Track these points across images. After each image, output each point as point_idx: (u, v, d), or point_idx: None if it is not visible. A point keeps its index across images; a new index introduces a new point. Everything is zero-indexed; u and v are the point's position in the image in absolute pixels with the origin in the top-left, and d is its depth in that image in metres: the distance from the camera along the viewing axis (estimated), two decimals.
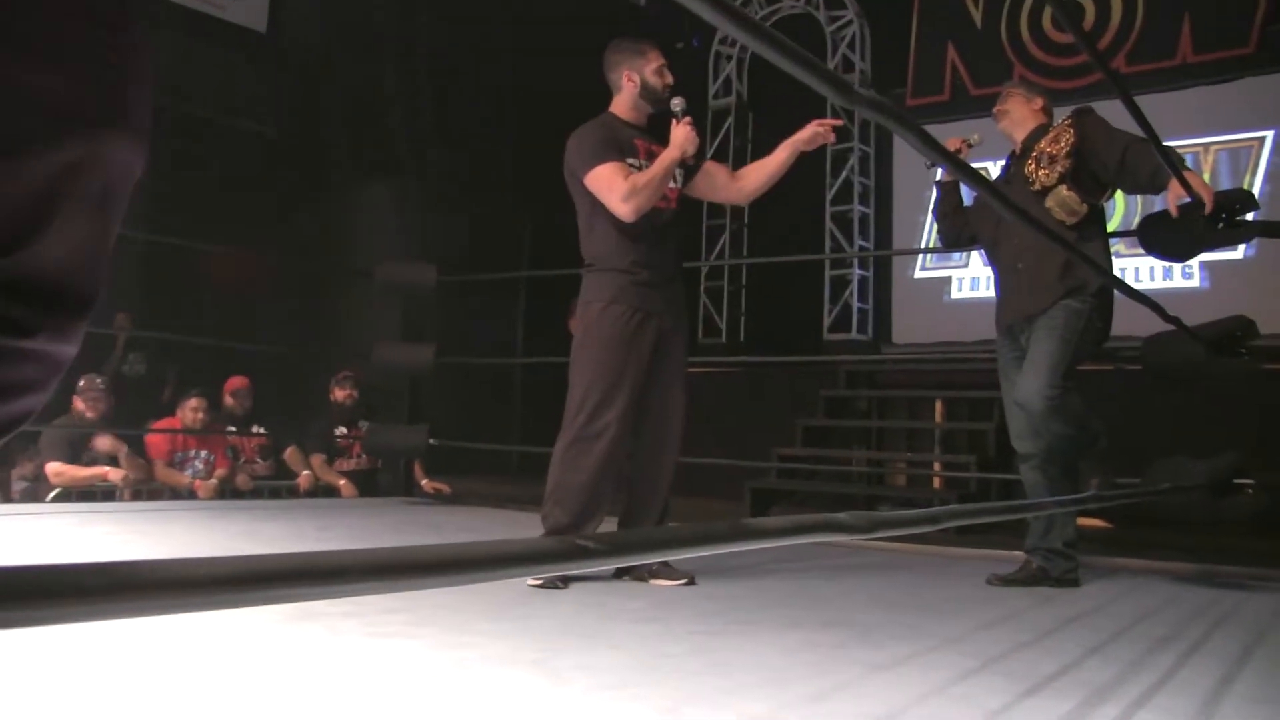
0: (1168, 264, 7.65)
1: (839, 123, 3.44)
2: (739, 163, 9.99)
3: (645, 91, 3.39)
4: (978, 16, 9.10)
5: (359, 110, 9.17)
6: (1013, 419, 3.64)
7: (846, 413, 7.87)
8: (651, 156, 3.34)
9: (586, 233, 3.39)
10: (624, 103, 3.43)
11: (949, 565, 4.12)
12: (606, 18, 8.46)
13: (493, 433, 9.29)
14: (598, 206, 3.29)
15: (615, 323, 3.27)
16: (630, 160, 3.30)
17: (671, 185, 3.39)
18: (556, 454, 3.30)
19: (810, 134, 3.41)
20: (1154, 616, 3.01)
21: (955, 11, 9.18)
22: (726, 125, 10.06)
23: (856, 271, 9.37)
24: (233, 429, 6.27)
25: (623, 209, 3.20)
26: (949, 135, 3.77)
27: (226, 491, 5.98)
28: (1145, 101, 8.18)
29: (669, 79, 3.43)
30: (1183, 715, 1.85)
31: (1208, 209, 3.31)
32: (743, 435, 7.36)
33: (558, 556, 0.65)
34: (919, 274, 9.25)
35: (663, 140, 3.34)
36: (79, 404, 5.64)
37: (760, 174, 3.55)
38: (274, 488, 6.29)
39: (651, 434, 3.40)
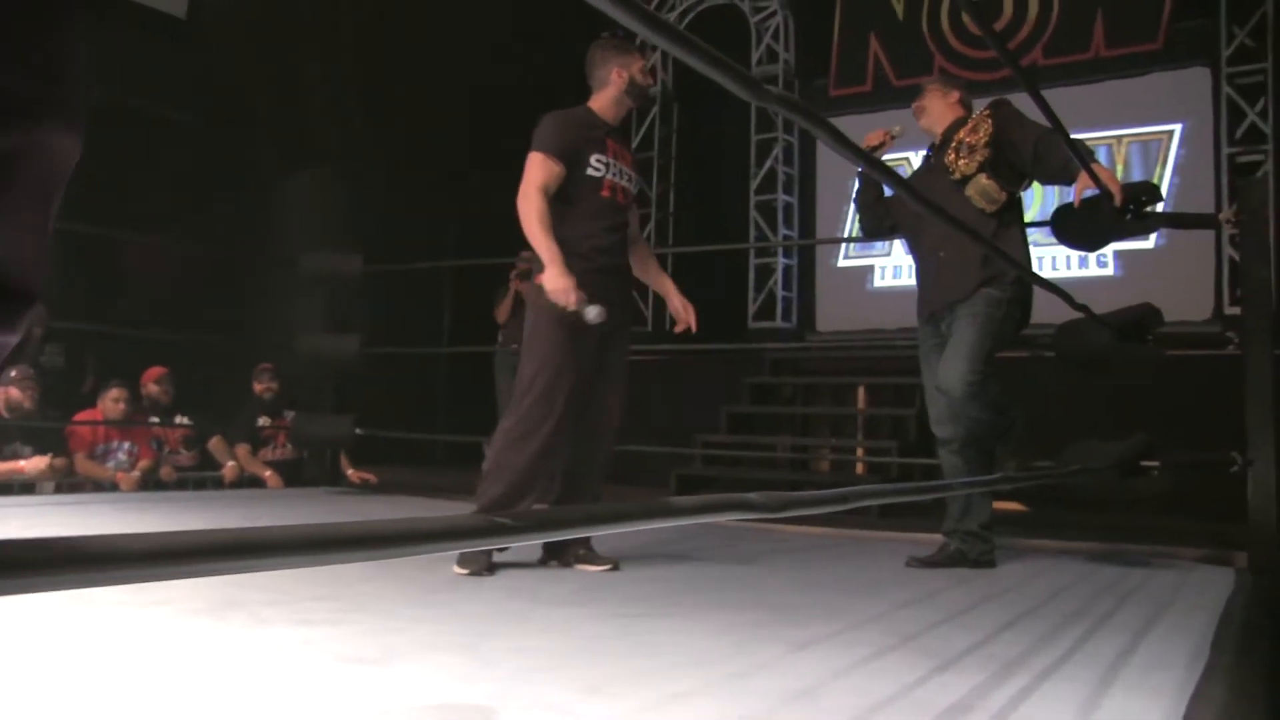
0: (1082, 253, 7.86)
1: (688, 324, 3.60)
2: (664, 152, 10.08)
3: (631, 89, 3.46)
4: (899, 9, 9.24)
5: (283, 97, 9.05)
6: (933, 404, 3.73)
7: (771, 400, 7.96)
8: (618, 156, 3.42)
9: (553, 213, 3.36)
10: (606, 98, 3.47)
11: (870, 548, 4.21)
12: (536, 6, 8.45)
13: (419, 422, 9.26)
14: (564, 189, 3.32)
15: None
16: (598, 157, 3.35)
17: (626, 184, 3.46)
18: (499, 434, 3.33)
19: (685, 320, 3.59)
20: (1065, 593, 3.12)
21: (877, 3, 9.32)
22: (652, 115, 10.10)
23: (781, 260, 9.47)
24: (155, 420, 6.19)
25: (521, 196, 3.25)
26: (872, 126, 3.85)
27: (150, 483, 5.89)
28: (1062, 94, 8.35)
29: (651, 80, 3.52)
30: (1085, 683, 1.94)
31: (1117, 201, 3.43)
32: (668, 423, 7.41)
33: (476, 533, 0.68)
34: (842, 262, 9.38)
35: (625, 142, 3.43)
36: (14, 393, 5.54)
37: (647, 274, 3.69)
38: (199, 479, 6.21)
39: (589, 422, 3.42)
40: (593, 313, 3.16)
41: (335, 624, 2.29)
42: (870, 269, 9.18)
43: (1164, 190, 7.92)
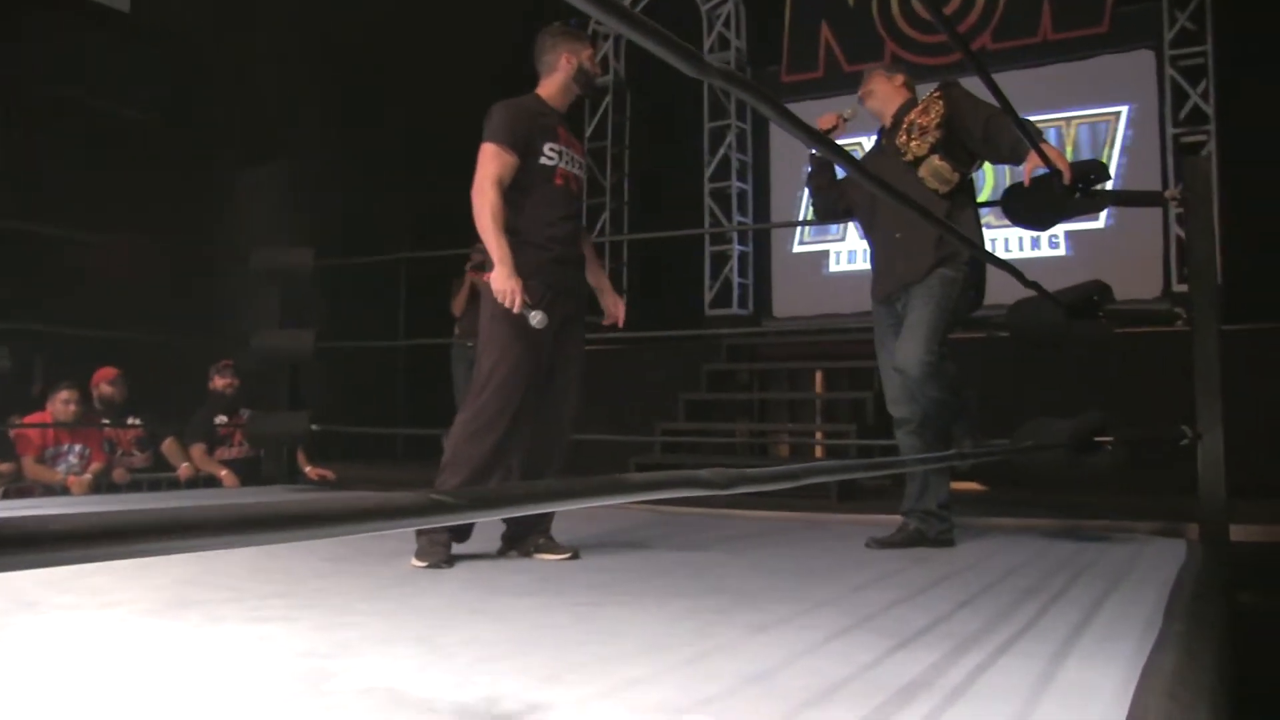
0: (1035, 234, 7.96)
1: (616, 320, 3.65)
2: (618, 141, 10.05)
3: (580, 75, 3.44)
4: None
5: (234, 91, 8.94)
6: (889, 385, 3.75)
7: (729, 386, 7.96)
8: (569, 144, 3.41)
9: (507, 203, 3.29)
10: (554, 84, 3.44)
11: (830, 531, 4.23)
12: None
13: (377, 417, 9.19)
14: (518, 179, 3.28)
15: (529, 299, 3.24)
16: (551, 145, 3.33)
17: (576, 172, 3.44)
18: (457, 426, 3.29)
19: (614, 316, 3.64)
20: (1022, 570, 3.14)
21: None
22: (605, 103, 10.07)
23: (736, 247, 9.49)
24: (107, 421, 6.10)
25: (476, 191, 3.21)
26: (824, 111, 3.86)
27: (103, 486, 5.81)
28: (1011, 77, 8.40)
29: (599, 69, 3.52)
30: (1040, 657, 1.95)
31: (1066, 179, 3.46)
32: (627, 411, 7.40)
33: (413, 511, 0.66)
34: (797, 248, 9.42)
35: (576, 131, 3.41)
36: None
37: (588, 265, 3.60)
38: (153, 480, 6.14)
39: (546, 413, 3.40)
40: (536, 318, 3.13)
41: (290, 620, 2.26)
42: (826, 254, 9.22)
43: (1113, 170, 8.00)
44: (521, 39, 3.81)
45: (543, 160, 3.32)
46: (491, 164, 3.23)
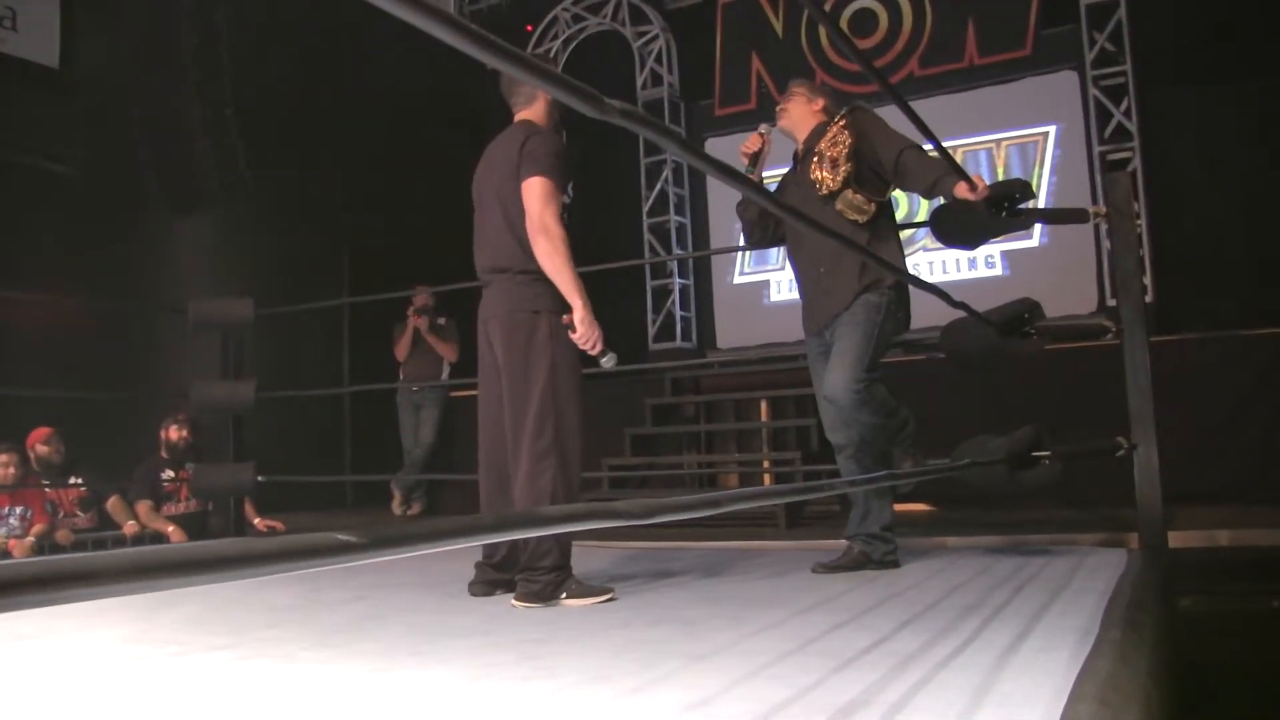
0: (972, 255, 8.10)
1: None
2: None
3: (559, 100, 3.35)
4: (779, 26, 9.42)
5: (164, 143, 8.87)
6: (824, 412, 3.79)
7: (674, 419, 7.96)
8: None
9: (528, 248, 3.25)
10: (541, 111, 3.39)
11: (778, 559, 4.24)
12: (420, 47, 8.41)
13: (325, 465, 9.11)
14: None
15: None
16: (571, 185, 3.31)
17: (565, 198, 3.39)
18: (541, 471, 3.17)
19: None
20: (965, 587, 3.17)
21: (757, 22, 9.48)
22: None
23: (677, 280, 9.54)
24: (47, 482, 6.00)
25: (542, 229, 3.13)
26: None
27: (45, 548, 5.70)
28: (941, 101, 8.50)
29: None
30: (980, 670, 1.98)
31: (980, 204, 3.52)
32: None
33: (317, 553, 0.67)
34: (738, 279, 9.49)
35: None
36: None
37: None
38: (99, 539, 6.03)
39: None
40: (610, 360, 3.11)
41: (234, 670, 2.25)
42: (766, 284, 9.30)
43: (1044, 189, 8.19)
44: (444, 82, 3.83)
45: (565, 199, 3.30)
46: (554, 202, 3.17)
